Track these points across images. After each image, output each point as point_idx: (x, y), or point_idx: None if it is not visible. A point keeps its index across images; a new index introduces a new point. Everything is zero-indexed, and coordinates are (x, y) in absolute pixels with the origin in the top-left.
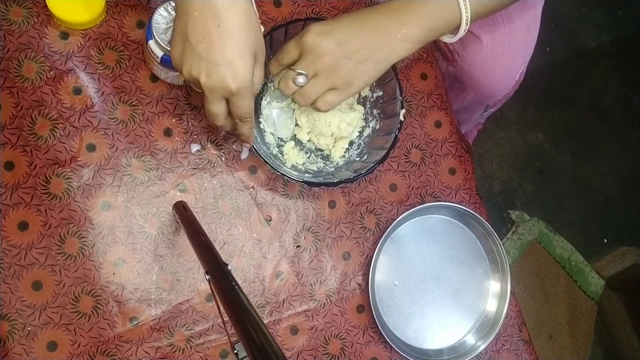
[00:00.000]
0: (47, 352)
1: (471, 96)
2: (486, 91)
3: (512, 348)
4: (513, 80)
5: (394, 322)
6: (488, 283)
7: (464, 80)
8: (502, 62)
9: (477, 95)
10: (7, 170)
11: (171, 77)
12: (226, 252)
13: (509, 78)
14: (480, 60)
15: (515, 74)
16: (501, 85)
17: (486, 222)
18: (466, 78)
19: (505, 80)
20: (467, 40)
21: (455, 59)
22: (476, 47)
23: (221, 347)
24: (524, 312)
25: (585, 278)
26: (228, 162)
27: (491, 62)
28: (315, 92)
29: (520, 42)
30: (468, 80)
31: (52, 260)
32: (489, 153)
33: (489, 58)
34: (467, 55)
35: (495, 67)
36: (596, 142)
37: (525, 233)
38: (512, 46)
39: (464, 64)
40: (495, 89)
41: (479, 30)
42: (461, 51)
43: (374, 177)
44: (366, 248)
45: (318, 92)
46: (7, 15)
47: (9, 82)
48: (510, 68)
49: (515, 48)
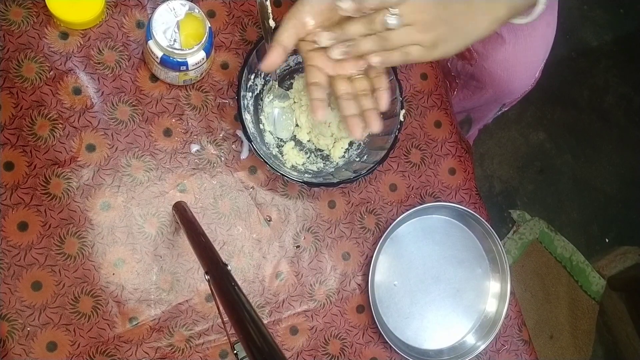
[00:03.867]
0: (47, 353)
1: (489, 94)
2: (506, 89)
3: (512, 348)
4: (533, 77)
5: (394, 323)
6: (488, 283)
7: (482, 78)
8: (524, 59)
9: (496, 93)
10: (6, 171)
11: (171, 77)
12: (226, 252)
13: (530, 74)
14: (502, 57)
15: (536, 70)
16: (522, 82)
17: (486, 222)
18: (485, 76)
19: (525, 76)
20: (489, 38)
21: (474, 57)
22: (498, 44)
23: (221, 348)
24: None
25: (587, 278)
26: (228, 162)
27: (513, 59)
28: (399, 41)
29: (542, 38)
30: (487, 78)
31: (51, 260)
32: (489, 152)
33: (510, 55)
34: (488, 53)
35: (517, 64)
36: (597, 141)
37: (526, 233)
38: (534, 42)
39: (484, 62)
40: (515, 86)
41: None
42: (481, 49)
43: (374, 177)
44: (366, 248)
45: (402, 42)
46: (7, 15)
47: (9, 82)
48: (531, 64)
49: (537, 44)
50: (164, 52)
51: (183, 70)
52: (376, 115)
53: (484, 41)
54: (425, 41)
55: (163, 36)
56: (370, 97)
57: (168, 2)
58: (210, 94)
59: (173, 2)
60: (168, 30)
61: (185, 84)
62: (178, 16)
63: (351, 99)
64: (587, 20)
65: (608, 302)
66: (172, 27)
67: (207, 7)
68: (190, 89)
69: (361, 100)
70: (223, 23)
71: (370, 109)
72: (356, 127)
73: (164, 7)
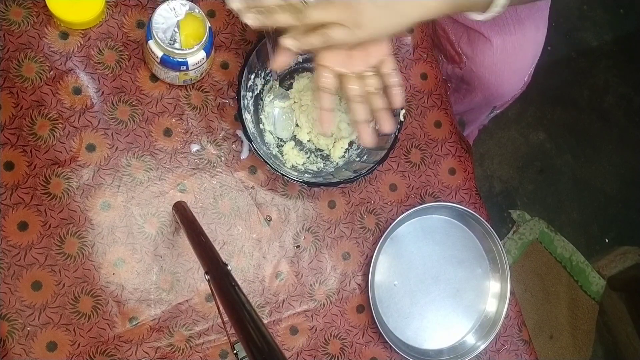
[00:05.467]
0: (47, 352)
1: (479, 97)
2: (495, 92)
3: (512, 348)
4: (522, 81)
5: (394, 322)
6: (488, 283)
7: (472, 81)
8: (512, 63)
9: (486, 96)
10: (6, 171)
11: (171, 77)
12: (226, 252)
13: (519, 79)
14: (490, 61)
15: (525, 74)
16: (511, 86)
17: (486, 222)
18: (475, 80)
19: (514, 81)
20: (477, 42)
21: (462, 60)
22: (486, 49)
23: (221, 347)
24: (525, 312)
25: (586, 278)
26: (228, 162)
27: (501, 63)
28: (318, 17)
29: (530, 43)
30: (477, 81)
31: (51, 260)
32: (489, 152)
33: (498, 59)
34: (477, 56)
35: (505, 68)
36: (597, 141)
37: (526, 233)
38: (522, 47)
39: (473, 66)
40: (505, 90)
41: (489, 31)
42: (470, 53)
43: (374, 177)
44: (366, 248)
45: (322, 18)
46: (7, 15)
47: (9, 82)
48: (520, 69)
49: (525, 49)
50: (164, 52)
51: (183, 70)
52: (388, 115)
53: (472, 44)
54: (346, 19)
55: (163, 36)
56: (381, 95)
57: (168, 2)
58: (210, 94)
59: (173, 2)
60: (168, 30)
61: (186, 84)
62: (178, 16)
63: (362, 101)
64: (587, 20)
65: (608, 302)
66: (172, 27)
67: (207, 7)
68: (190, 89)
69: (372, 99)
70: (223, 23)
71: (382, 109)
72: (367, 134)
73: (164, 7)
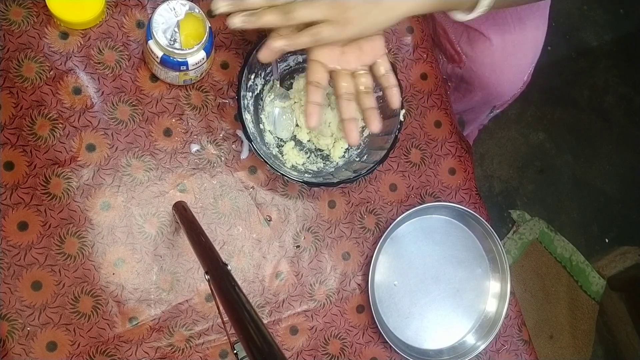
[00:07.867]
0: (47, 352)
1: (479, 97)
2: (495, 92)
3: (512, 348)
4: (522, 81)
5: (394, 322)
6: (488, 283)
7: (471, 81)
8: (512, 63)
9: (485, 96)
10: (6, 170)
11: (171, 77)
12: (226, 252)
13: (518, 78)
14: (490, 61)
15: (524, 74)
16: (510, 85)
17: (486, 222)
18: (474, 79)
19: (514, 80)
20: (477, 41)
21: (462, 60)
22: (485, 48)
23: (221, 347)
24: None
25: (586, 278)
26: (228, 162)
27: (501, 62)
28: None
29: (530, 42)
30: (476, 81)
31: (51, 260)
32: (489, 152)
33: (498, 59)
34: (476, 56)
35: (505, 67)
36: (597, 141)
37: (526, 233)
38: (522, 46)
39: (472, 65)
40: (504, 90)
41: (489, 30)
42: (470, 52)
43: (374, 177)
44: (366, 248)
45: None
46: (7, 15)
47: (9, 82)
48: (519, 68)
49: (525, 48)
50: (164, 52)
51: (183, 70)
52: (376, 115)
53: (472, 44)
54: (334, 17)
55: (163, 36)
56: (371, 95)
57: (168, 2)
58: (210, 94)
59: (173, 2)
60: (168, 30)
61: (186, 84)
62: (178, 16)
63: (352, 99)
64: (587, 20)
65: (608, 302)
66: (172, 27)
67: (207, 7)
68: (190, 89)
69: (362, 98)
70: (223, 23)
71: (371, 108)
72: (353, 132)
73: (164, 6)
